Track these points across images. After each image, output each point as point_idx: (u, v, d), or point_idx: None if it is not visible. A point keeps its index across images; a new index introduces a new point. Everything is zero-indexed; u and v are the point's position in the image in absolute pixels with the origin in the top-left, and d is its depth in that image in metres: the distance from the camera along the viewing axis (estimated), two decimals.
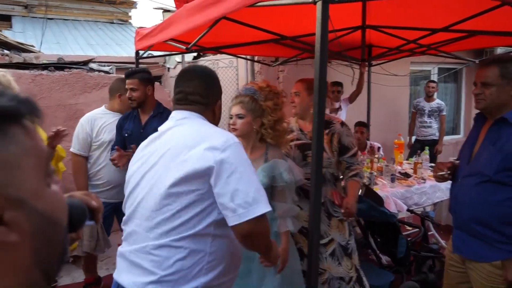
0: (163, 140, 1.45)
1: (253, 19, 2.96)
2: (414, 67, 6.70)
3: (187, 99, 1.50)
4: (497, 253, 1.91)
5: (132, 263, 1.36)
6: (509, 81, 1.90)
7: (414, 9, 2.85)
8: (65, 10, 11.32)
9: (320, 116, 1.40)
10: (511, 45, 3.90)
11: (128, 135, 2.98)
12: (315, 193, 1.42)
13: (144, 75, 2.96)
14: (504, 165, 1.85)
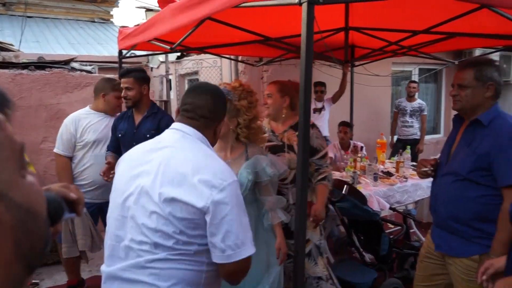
0: (162, 155, 1.41)
1: (238, 19, 2.97)
2: (395, 67, 6.81)
3: (196, 112, 1.50)
4: (474, 247, 1.97)
5: (127, 280, 1.33)
6: (484, 84, 1.96)
7: (396, 11, 2.90)
8: (45, 8, 11.11)
9: (306, 117, 1.42)
10: (489, 46, 4.00)
11: (121, 136, 2.95)
12: (301, 195, 1.44)
13: (139, 74, 2.93)
14: (477, 165, 1.92)
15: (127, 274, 1.32)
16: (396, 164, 4.31)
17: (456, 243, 2.04)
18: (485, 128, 1.95)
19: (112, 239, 1.40)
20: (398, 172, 4.18)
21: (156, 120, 2.90)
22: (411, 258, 3.58)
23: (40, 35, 9.53)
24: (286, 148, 2.53)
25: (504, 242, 1.82)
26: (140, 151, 1.51)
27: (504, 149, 1.86)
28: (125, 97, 2.89)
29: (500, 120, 1.94)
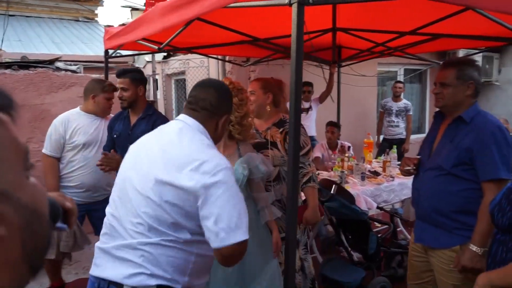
0: (161, 142, 1.48)
1: (226, 20, 2.96)
2: (381, 68, 6.87)
3: (198, 104, 1.56)
4: (455, 239, 2.05)
5: (118, 258, 1.39)
6: (464, 82, 2.05)
7: (383, 12, 2.93)
8: (27, 7, 10.90)
9: (296, 116, 1.42)
10: (472, 47, 4.08)
11: (116, 136, 2.92)
12: (292, 193, 1.45)
13: (136, 75, 2.90)
14: (460, 160, 2.01)
15: (119, 252, 1.38)
16: (383, 163, 4.36)
17: (439, 235, 2.11)
18: (467, 125, 2.04)
19: (110, 219, 1.47)
20: (385, 171, 4.22)
21: (151, 122, 2.87)
22: (398, 256, 3.63)
23: (22, 34, 9.35)
24: (269, 145, 2.54)
25: (483, 234, 1.91)
26: (145, 139, 1.57)
27: (485, 145, 1.94)
28: (120, 98, 2.85)
29: (481, 118, 2.04)
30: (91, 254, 4.16)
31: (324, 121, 4.88)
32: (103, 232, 1.49)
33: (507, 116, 6.86)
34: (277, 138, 2.57)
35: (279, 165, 2.56)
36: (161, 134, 1.53)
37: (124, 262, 1.38)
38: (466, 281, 2.01)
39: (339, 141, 4.78)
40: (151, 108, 2.98)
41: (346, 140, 5.03)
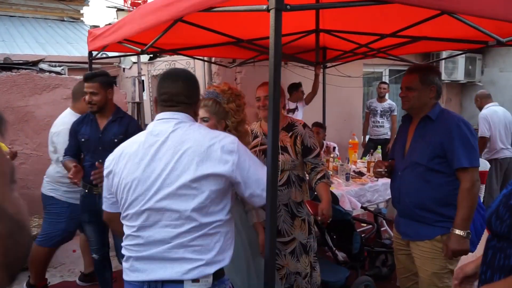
0: (173, 142, 1.51)
1: (211, 22, 2.97)
2: (366, 68, 6.95)
3: (173, 100, 1.60)
4: (437, 230, 2.22)
5: (170, 259, 1.47)
6: (427, 86, 2.27)
7: (365, 15, 2.98)
8: (11, 6, 10.75)
9: (275, 119, 1.45)
10: (453, 49, 4.15)
11: (84, 140, 2.87)
12: (271, 194, 1.47)
13: (105, 79, 2.86)
14: (435, 154, 2.19)
15: (169, 254, 1.47)
16: (367, 164, 4.41)
17: (421, 229, 2.27)
18: (434, 122, 2.25)
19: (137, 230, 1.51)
20: (370, 171, 4.27)
21: (124, 125, 2.85)
22: (382, 255, 3.68)
23: (6, 34, 9.22)
24: (280, 150, 2.56)
25: (464, 218, 2.10)
26: (140, 147, 1.56)
27: (453, 136, 2.13)
28: (90, 102, 2.80)
29: (445, 114, 2.26)
30: (76, 257, 4.15)
31: (310, 121, 4.91)
32: (134, 243, 1.53)
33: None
34: (287, 143, 2.59)
35: (289, 169, 2.58)
36: (162, 139, 1.53)
37: (177, 260, 1.47)
38: (446, 270, 2.23)
39: (324, 141, 4.82)
40: (120, 111, 2.96)
41: (332, 140, 5.08)
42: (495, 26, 2.40)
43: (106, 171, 1.63)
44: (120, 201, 1.56)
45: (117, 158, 1.60)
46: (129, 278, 1.54)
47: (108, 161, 1.64)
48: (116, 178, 1.57)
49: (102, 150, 2.78)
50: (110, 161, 1.63)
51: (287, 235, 2.63)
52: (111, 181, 1.60)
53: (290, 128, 2.62)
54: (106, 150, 2.80)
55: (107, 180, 1.65)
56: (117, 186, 1.56)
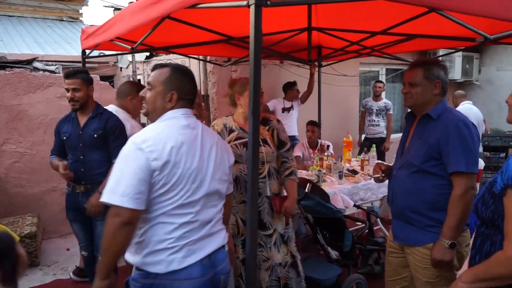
0: (207, 135, 1.76)
1: (202, 20, 2.98)
2: (363, 67, 6.94)
3: (191, 100, 1.76)
4: (428, 236, 2.08)
5: (213, 233, 1.74)
6: (432, 82, 2.11)
7: (358, 12, 2.98)
8: (10, 6, 10.76)
9: (255, 116, 1.45)
10: (448, 47, 4.14)
11: (66, 138, 2.89)
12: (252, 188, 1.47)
13: (86, 76, 2.88)
14: (429, 155, 2.05)
15: (212, 229, 1.74)
16: (361, 162, 4.40)
17: (412, 233, 2.15)
18: (435, 121, 2.09)
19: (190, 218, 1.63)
20: (363, 170, 4.27)
21: (103, 120, 2.87)
22: (375, 254, 3.67)
23: (4, 33, 9.23)
24: (261, 142, 2.62)
25: (451, 227, 1.96)
26: (188, 138, 1.66)
27: (451, 139, 1.98)
28: (72, 99, 2.81)
29: (447, 114, 2.08)
30: (69, 256, 4.14)
31: (306, 120, 4.92)
32: (190, 229, 1.63)
33: (487, 115, 7.00)
34: (266, 136, 2.67)
35: (270, 161, 2.65)
36: (199, 132, 1.72)
37: (217, 232, 1.77)
38: (439, 278, 2.06)
39: (319, 140, 4.82)
40: (100, 107, 2.97)
41: (328, 139, 5.08)
42: (488, 25, 2.40)
43: (161, 161, 1.53)
44: (178, 191, 1.59)
45: (175, 148, 1.58)
46: (186, 264, 1.60)
47: (158, 151, 1.54)
48: (178, 168, 1.58)
49: (83, 146, 2.85)
50: (167, 152, 1.55)
51: (270, 226, 2.68)
52: (168, 171, 1.55)
53: (266, 122, 2.71)
54: (86, 146, 2.85)
55: (157, 171, 1.54)
56: (179, 176, 1.58)
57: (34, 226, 4.02)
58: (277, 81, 5.54)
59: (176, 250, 1.59)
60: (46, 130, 4.51)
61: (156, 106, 1.69)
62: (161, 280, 1.57)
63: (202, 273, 1.63)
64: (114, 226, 1.47)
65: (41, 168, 4.49)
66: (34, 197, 4.52)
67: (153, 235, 1.58)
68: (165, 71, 1.70)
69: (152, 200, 1.55)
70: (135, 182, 1.48)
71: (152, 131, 1.59)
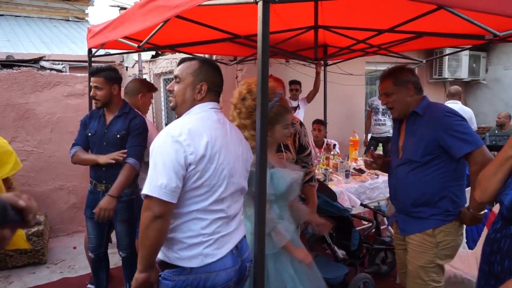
0: (234, 131, 1.78)
1: (209, 18, 2.97)
2: (369, 66, 6.91)
3: (220, 94, 1.78)
4: (430, 223, 2.22)
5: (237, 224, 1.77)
6: (403, 86, 2.28)
7: (365, 10, 2.96)
8: (17, 7, 10.83)
9: (263, 116, 1.44)
10: (456, 45, 4.11)
11: (91, 135, 2.88)
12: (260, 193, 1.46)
13: (110, 73, 2.85)
14: (427, 149, 2.17)
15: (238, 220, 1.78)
16: None
17: (417, 223, 2.27)
18: (422, 117, 2.23)
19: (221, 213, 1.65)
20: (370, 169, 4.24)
21: (127, 121, 2.85)
22: (382, 253, 3.65)
23: (11, 33, 9.29)
24: (283, 148, 2.51)
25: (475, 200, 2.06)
26: (220, 133, 1.66)
27: (445, 130, 2.11)
28: (94, 97, 2.82)
29: (433, 108, 2.23)
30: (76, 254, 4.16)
31: (312, 119, 4.91)
32: (221, 223, 1.65)
33: (494, 114, 6.95)
34: (288, 141, 2.56)
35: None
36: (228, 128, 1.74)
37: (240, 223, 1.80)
38: (433, 265, 2.21)
39: (325, 139, 4.80)
40: (127, 106, 2.95)
41: (334, 138, 5.06)
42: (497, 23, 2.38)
43: (198, 155, 1.52)
44: (212, 186, 1.59)
45: (210, 143, 1.57)
46: (220, 256, 1.62)
47: (194, 145, 1.53)
48: (212, 163, 1.57)
49: (107, 145, 2.82)
50: (203, 146, 1.55)
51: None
52: (204, 166, 1.54)
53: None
54: (110, 145, 2.82)
55: (193, 165, 1.52)
56: (213, 171, 1.57)
57: (41, 225, 4.04)
58: (283, 80, 5.52)
59: (210, 244, 1.60)
60: (53, 128, 4.53)
61: (185, 98, 1.67)
62: (197, 274, 1.57)
63: (233, 263, 1.67)
64: (146, 220, 1.47)
65: (48, 166, 4.51)
66: (41, 195, 4.54)
67: (187, 230, 1.57)
68: (194, 63, 1.69)
69: (185, 194, 1.54)
70: (172, 175, 1.47)
71: (187, 124, 1.57)
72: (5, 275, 3.81)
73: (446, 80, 7.53)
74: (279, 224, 2.01)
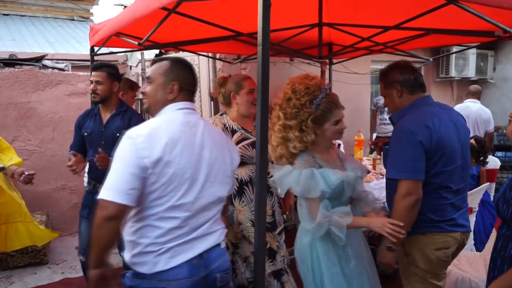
0: (209, 133, 1.71)
1: (211, 15, 2.93)
2: (374, 65, 6.84)
3: (194, 93, 1.76)
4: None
5: (206, 234, 1.68)
6: (392, 88, 2.21)
7: (371, 7, 2.91)
8: (22, 6, 10.87)
9: (263, 113, 1.39)
10: (465, 43, 4.03)
11: (88, 134, 2.85)
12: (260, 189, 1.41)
13: (112, 70, 2.85)
14: None
15: (208, 230, 1.69)
16: (372, 161, 4.32)
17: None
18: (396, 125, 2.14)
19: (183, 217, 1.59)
20: (375, 169, 4.18)
21: (126, 119, 2.82)
22: None
23: (16, 33, 9.31)
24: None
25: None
26: (185, 136, 1.61)
27: (391, 144, 2.08)
28: (94, 91, 2.79)
29: (403, 118, 2.09)
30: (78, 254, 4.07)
31: None
32: (178, 234, 1.58)
33: (502, 114, 6.84)
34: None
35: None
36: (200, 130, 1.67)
37: (212, 232, 1.71)
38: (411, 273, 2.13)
39: None
40: (124, 105, 2.93)
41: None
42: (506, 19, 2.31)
43: (152, 158, 1.50)
44: (169, 191, 1.54)
45: (169, 146, 1.53)
46: (172, 265, 1.56)
47: (150, 148, 1.50)
48: (170, 167, 1.53)
49: (105, 144, 2.77)
50: (160, 149, 1.51)
51: (279, 224, 2.69)
52: (160, 169, 1.51)
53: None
54: (109, 144, 2.76)
55: (150, 169, 1.50)
56: (171, 176, 1.53)
57: (42, 224, 4.01)
58: (287, 79, 5.46)
59: (162, 252, 1.55)
60: (55, 127, 4.51)
61: (157, 99, 1.66)
62: (149, 280, 1.55)
63: (190, 273, 1.59)
64: (99, 220, 1.46)
65: (50, 166, 4.49)
66: (43, 195, 4.52)
67: (142, 236, 1.56)
68: (165, 63, 1.70)
69: (144, 199, 1.52)
70: (128, 177, 1.46)
71: (148, 127, 1.56)
72: (6, 275, 3.79)
73: (453, 79, 7.43)
74: (334, 215, 1.92)
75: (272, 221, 2.60)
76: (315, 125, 1.99)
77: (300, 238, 2.11)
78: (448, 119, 2.08)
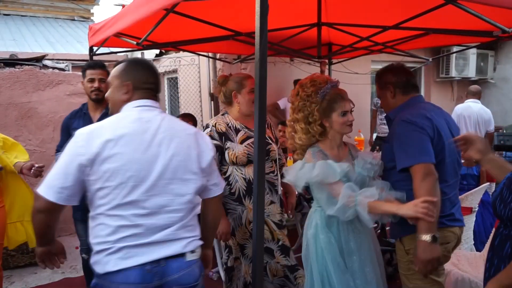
0: (167, 129, 1.63)
1: (210, 15, 2.93)
2: (375, 65, 6.84)
3: (153, 89, 1.72)
4: (401, 230, 2.11)
5: (169, 240, 1.59)
6: (385, 89, 2.28)
7: (370, 7, 2.91)
8: (22, 6, 10.88)
9: (261, 112, 1.39)
10: (465, 43, 4.03)
11: None
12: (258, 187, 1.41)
13: (108, 69, 2.87)
14: (390, 156, 2.09)
15: (170, 236, 1.59)
16: None
17: (394, 229, 2.23)
18: (393, 121, 2.22)
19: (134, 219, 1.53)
20: None
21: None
22: (387, 254, 3.59)
23: (16, 33, 9.32)
24: (269, 140, 2.64)
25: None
26: (133, 132, 1.57)
27: (394, 137, 2.07)
28: (98, 89, 2.79)
29: (401, 112, 2.16)
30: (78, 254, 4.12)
31: None
32: (130, 234, 1.53)
33: (502, 114, 6.84)
34: (271, 134, 2.69)
35: (275, 159, 2.65)
36: (155, 126, 1.61)
37: (177, 239, 1.61)
38: (411, 272, 2.07)
39: None
40: None
41: None
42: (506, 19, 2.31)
43: (88, 156, 1.49)
44: (112, 188, 1.51)
45: (111, 142, 1.52)
46: (122, 267, 1.51)
47: (87, 145, 1.51)
48: (112, 163, 1.50)
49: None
50: (97, 145, 1.50)
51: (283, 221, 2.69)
52: (99, 166, 1.49)
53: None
54: None
55: (88, 167, 1.50)
56: (113, 172, 1.50)
57: None
58: (287, 79, 5.47)
59: (113, 251, 1.52)
60: (55, 127, 4.52)
61: (115, 100, 1.70)
62: (102, 280, 1.55)
63: (142, 279, 1.53)
64: (33, 209, 1.52)
65: (51, 165, 4.48)
66: None
67: (96, 235, 1.56)
68: (120, 66, 1.73)
69: (91, 198, 1.54)
70: (62, 176, 1.49)
71: (94, 125, 1.61)
72: (6, 275, 3.80)
73: (453, 79, 7.43)
74: (360, 195, 1.91)
75: (281, 219, 2.62)
76: (322, 116, 2.04)
77: (306, 230, 2.18)
78: (441, 115, 2.17)
